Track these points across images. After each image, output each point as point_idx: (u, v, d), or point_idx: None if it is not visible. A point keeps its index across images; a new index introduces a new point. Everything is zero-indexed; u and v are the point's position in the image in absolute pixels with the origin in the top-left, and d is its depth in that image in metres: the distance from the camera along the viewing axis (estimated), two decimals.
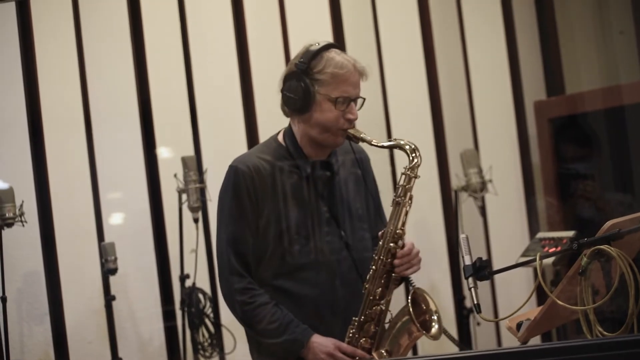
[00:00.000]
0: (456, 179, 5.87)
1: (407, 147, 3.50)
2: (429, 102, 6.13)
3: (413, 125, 6.18)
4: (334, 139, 3.52)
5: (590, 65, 6.36)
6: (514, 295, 5.98)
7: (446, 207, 6.07)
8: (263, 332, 3.46)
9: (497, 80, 6.37)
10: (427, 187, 6.12)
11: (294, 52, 3.94)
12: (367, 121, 5.87)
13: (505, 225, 6.27)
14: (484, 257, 2.96)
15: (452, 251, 5.97)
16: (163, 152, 5.47)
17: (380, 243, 3.47)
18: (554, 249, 4.57)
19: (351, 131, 3.51)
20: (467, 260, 2.93)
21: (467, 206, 5.85)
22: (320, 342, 3.44)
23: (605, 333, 2.74)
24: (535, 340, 3.92)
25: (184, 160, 5.23)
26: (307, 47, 3.54)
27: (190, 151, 5.44)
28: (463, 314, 5.79)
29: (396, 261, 3.45)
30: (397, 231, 3.46)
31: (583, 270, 2.78)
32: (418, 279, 6.02)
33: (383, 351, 3.48)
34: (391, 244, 3.45)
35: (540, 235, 4.85)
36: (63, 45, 5.29)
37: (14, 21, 5.03)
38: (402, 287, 3.69)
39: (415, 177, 3.49)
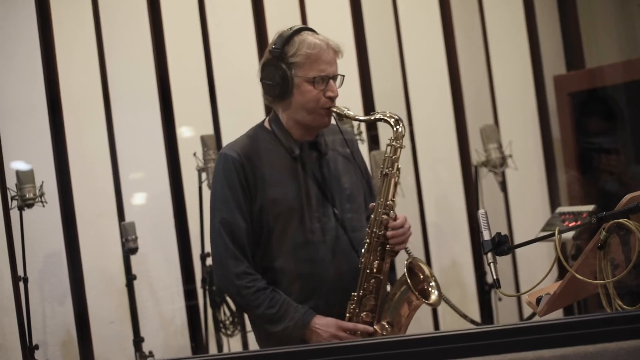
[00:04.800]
0: (476, 155, 5.85)
1: (392, 119, 3.50)
2: (448, 77, 6.12)
3: (433, 101, 6.18)
4: (320, 119, 3.53)
5: (610, 39, 6.33)
6: (536, 270, 5.98)
7: (467, 182, 6.06)
8: (262, 317, 3.48)
9: (516, 55, 6.35)
10: (447, 163, 6.12)
11: None
12: (386, 97, 5.93)
13: (525, 200, 6.26)
14: (505, 233, 2.94)
15: (473, 227, 5.97)
16: (182, 132, 5.48)
17: (372, 216, 3.48)
18: (573, 223, 4.56)
19: (334, 109, 3.52)
20: (486, 236, 2.91)
21: (487, 182, 5.83)
22: (322, 323, 3.45)
23: (624, 307, 2.72)
24: (558, 315, 3.91)
25: (203, 139, 5.23)
26: (279, 33, 3.55)
27: (209, 130, 5.44)
28: (484, 290, 5.79)
29: (389, 233, 3.46)
30: (388, 203, 3.47)
31: (602, 244, 2.76)
32: (440, 255, 6.07)
33: (384, 323, 3.49)
34: (383, 216, 3.46)
35: (560, 209, 4.84)
36: (81, 25, 5.30)
37: (32, 3, 5.03)
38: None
39: (401, 147, 3.50)
